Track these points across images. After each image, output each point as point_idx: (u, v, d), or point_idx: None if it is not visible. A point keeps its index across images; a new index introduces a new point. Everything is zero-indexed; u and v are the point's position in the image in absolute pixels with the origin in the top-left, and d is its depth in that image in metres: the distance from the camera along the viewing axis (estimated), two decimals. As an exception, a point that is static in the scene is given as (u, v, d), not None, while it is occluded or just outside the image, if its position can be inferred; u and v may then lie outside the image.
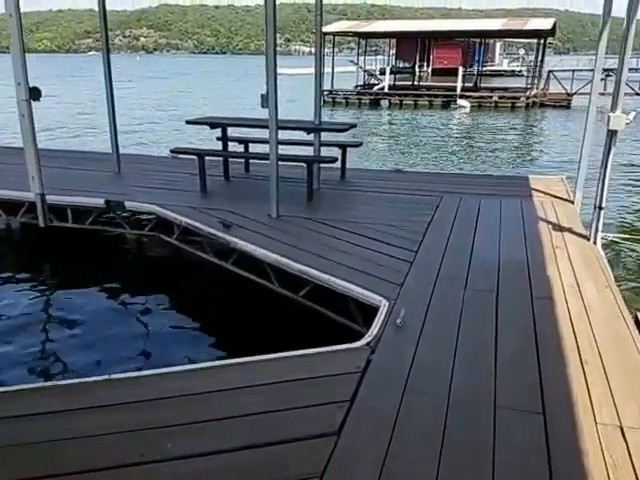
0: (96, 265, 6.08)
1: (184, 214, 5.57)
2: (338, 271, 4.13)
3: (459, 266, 4.20)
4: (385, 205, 5.89)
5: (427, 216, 5.47)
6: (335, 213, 5.60)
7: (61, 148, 9.84)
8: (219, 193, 6.42)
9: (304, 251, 4.56)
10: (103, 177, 7.16)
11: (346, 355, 3.02)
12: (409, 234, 4.94)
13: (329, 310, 4.18)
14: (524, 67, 42.89)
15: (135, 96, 29.66)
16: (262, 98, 5.18)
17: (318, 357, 3.01)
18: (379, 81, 27.65)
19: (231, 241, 4.89)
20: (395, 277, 4.01)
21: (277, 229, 5.15)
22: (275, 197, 5.43)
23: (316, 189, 6.53)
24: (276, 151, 5.29)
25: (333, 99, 25.73)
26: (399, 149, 14.27)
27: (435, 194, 6.32)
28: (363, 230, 5.05)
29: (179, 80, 44.73)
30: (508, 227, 5.12)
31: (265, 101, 5.16)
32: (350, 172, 7.27)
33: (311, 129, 6.26)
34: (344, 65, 32.15)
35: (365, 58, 30.38)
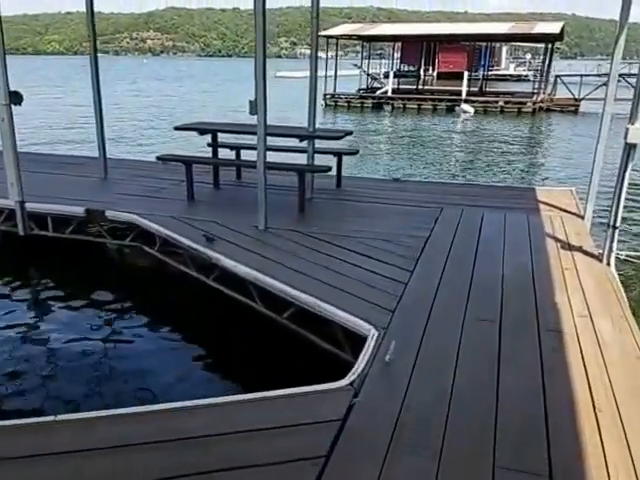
0: (75, 277, 5.72)
1: (165, 225, 5.22)
2: (325, 293, 3.76)
3: (458, 290, 3.81)
4: (381, 217, 5.52)
5: (426, 230, 5.09)
6: (327, 226, 5.23)
7: (49, 152, 9.51)
8: (206, 202, 6.06)
9: (290, 269, 4.19)
10: (88, 183, 6.82)
11: (325, 398, 2.64)
12: (405, 251, 4.56)
13: (314, 335, 3.81)
14: (531, 72, 42.43)
15: (139, 98, 29.42)
16: (250, 104, 4.83)
17: (291, 400, 2.64)
18: (382, 85, 27.29)
19: (212, 256, 4.53)
20: (387, 301, 3.63)
21: (263, 243, 4.78)
22: (263, 208, 5.07)
23: (309, 199, 6.17)
24: (264, 159, 4.93)
25: (335, 102, 25.38)
26: (399, 156, 13.87)
27: (435, 206, 5.94)
28: (356, 246, 4.68)
29: (184, 83, 44.47)
30: (513, 245, 4.73)
31: (253, 107, 4.80)
32: (346, 180, 6.90)
33: (304, 136, 5.89)
34: (348, 69, 31.81)
35: (369, 62, 30.03)
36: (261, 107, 4.73)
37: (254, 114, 4.83)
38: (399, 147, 15.41)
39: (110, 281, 5.60)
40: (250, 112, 4.84)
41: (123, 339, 4.52)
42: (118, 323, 4.78)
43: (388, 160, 13.10)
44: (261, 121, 4.77)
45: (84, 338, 4.50)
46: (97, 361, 4.19)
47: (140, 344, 4.44)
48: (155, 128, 18.26)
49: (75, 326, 4.71)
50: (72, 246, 5.88)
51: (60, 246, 5.91)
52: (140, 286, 5.49)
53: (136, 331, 4.63)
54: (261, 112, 4.74)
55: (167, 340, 4.54)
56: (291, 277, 4.03)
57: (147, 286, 5.48)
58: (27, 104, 5.37)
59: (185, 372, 4.07)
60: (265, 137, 4.85)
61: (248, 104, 4.83)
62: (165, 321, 4.81)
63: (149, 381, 3.90)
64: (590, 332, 3.23)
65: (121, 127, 17.64)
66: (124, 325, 4.75)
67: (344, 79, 28.84)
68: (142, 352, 4.34)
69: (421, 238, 4.87)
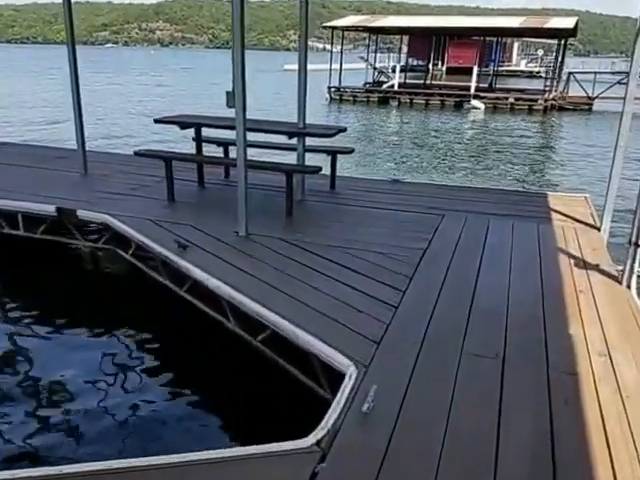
0: (42, 282, 5.27)
1: (138, 228, 4.75)
2: (303, 316, 3.27)
3: (455, 317, 3.31)
4: (376, 224, 5.01)
5: (424, 241, 4.58)
6: (315, 233, 4.74)
7: (33, 143, 9.04)
8: (187, 203, 5.58)
9: (266, 284, 3.70)
10: (67, 179, 6.37)
11: (284, 462, 2.16)
12: (399, 266, 4.06)
13: (290, 364, 3.32)
14: (542, 68, 41.58)
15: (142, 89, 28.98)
16: (227, 96, 4.34)
17: (244, 464, 2.15)
18: (389, 79, 26.63)
19: (182, 266, 4.05)
20: (373, 330, 3.14)
21: (241, 252, 4.29)
22: (243, 213, 4.58)
23: (299, 201, 5.67)
24: (244, 157, 4.44)
25: (340, 96, 24.76)
26: (402, 153, 13.23)
27: (436, 212, 5.43)
28: (344, 258, 4.18)
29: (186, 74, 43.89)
30: (521, 261, 4.22)
31: (231, 99, 4.31)
32: (342, 181, 6.39)
33: (293, 133, 5.39)
34: (356, 62, 31.18)
35: (376, 55, 29.36)
36: (239, 99, 4.23)
37: (232, 107, 4.34)
38: (403, 144, 14.84)
39: (78, 287, 5.15)
40: (227, 104, 4.36)
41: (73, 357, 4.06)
42: (76, 340, 4.30)
43: (390, 157, 12.52)
44: (240, 115, 4.28)
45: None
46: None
47: (89, 368, 3.96)
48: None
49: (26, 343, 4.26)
50: (45, 247, 5.43)
51: (32, 247, 5.47)
52: (110, 294, 5.04)
53: (92, 350, 4.17)
54: (239, 105, 4.25)
55: (127, 363, 4.06)
56: (266, 295, 3.54)
57: (118, 294, 5.02)
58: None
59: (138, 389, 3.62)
60: (245, 133, 4.35)
61: (225, 96, 4.34)
62: (131, 337, 4.34)
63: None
64: (609, 376, 2.72)
65: (125, 120, 17.18)
66: (81, 342, 4.29)
67: (352, 73, 28.29)
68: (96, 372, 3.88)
69: (418, 251, 4.36)
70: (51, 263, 5.47)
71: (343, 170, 8.94)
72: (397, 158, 12.57)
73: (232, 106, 4.33)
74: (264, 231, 4.72)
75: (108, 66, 47.85)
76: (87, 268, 5.31)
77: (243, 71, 4.19)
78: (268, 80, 35.98)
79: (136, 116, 18.13)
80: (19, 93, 23.68)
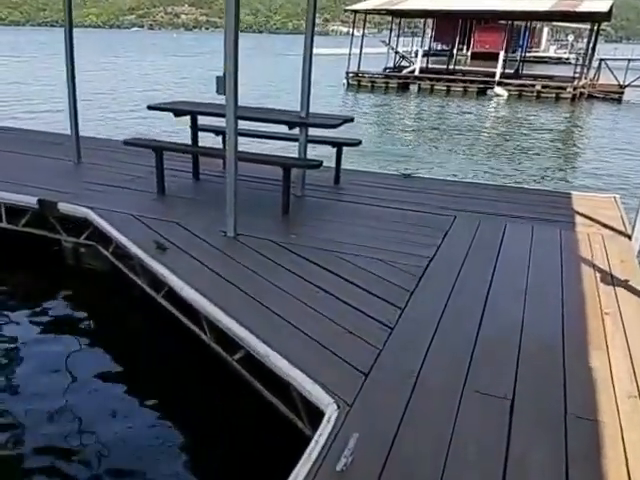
0: (19, 278, 4.96)
1: (118, 225, 4.37)
2: (284, 338, 2.86)
3: (459, 345, 2.86)
4: (380, 225, 4.56)
5: (431, 248, 4.12)
6: (312, 235, 4.31)
7: (30, 127, 8.71)
8: (178, 197, 5.18)
9: (247, 297, 3.29)
10: (58, 167, 6.03)
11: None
12: (401, 277, 3.61)
13: (268, 390, 2.93)
14: (572, 54, 40.18)
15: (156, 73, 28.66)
16: (217, 82, 3.91)
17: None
18: (411, 64, 25.81)
19: (158, 271, 3.66)
20: (362, 357, 2.71)
21: (226, 256, 3.89)
22: (232, 211, 4.17)
23: (299, 197, 5.25)
24: (234, 149, 4.01)
25: (358, 82, 24.06)
26: (417, 144, 12.58)
27: (447, 212, 4.95)
28: (340, 266, 3.75)
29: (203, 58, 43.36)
30: (539, 275, 3.73)
31: (221, 86, 3.88)
32: (347, 175, 5.93)
33: (294, 123, 4.93)
34: (377, 47, 30.37)
35: (398, 39, 28.51)
36: (231, 85, 3.79)
37: (221, 94, 3.91)
38: (418, 134, 14.19)
39: (56, 285, 4.81)
40: (217, 91, 3.93)
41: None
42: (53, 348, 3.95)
43: (403, 148, 11.88)
44: (231, 102, 3.84)
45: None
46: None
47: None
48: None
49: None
50: (27, 240, 5.10)
51: (15, 239, 5.14)
52: (89, 294, 4.69)
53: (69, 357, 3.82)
54: (231, 91, 3.81)
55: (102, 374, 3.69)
56: (245, 310, 3.14)
57: (97, 295, 4.67)
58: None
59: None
60: (235, 121, 3.92)
61: (215, 81, 3.91)
62: (112, 344, 3.98)
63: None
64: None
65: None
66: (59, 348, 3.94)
67: (374, 57, 27.54)
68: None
69: (423, 259, 3.90)
70: (31, 257, 5.14)
71: (351, 162, 8.48)
72: (410, 149, 11.93)
73: (222, 93, 3.90)
74: (255, 231, 4.31)
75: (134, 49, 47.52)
76: (68, 264, 4.94)
77: (236, 54, 3.75)
78: (288, 64, 35.37)
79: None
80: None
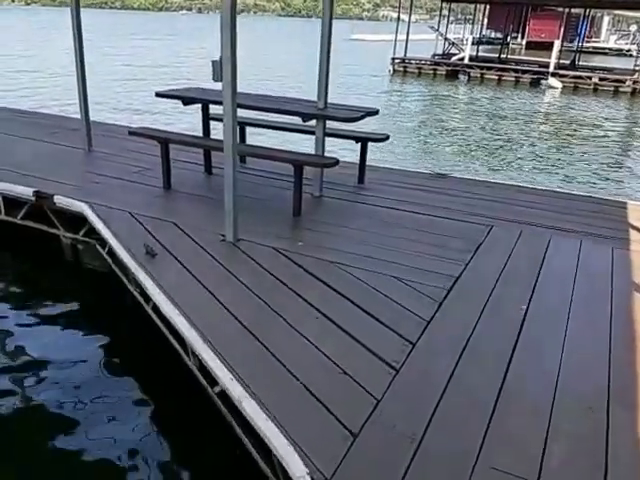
0: (17, 273, 4.66)
1: (112, 223, 3.99)
2: (268, 381, 2.39)
3: (476, 402, 2.31)
4: (402, 235, 4.00)
5: (458, 265, 3.55)
6: (322, 243, 3.80)
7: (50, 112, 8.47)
8: (185, 193, 4.74)
9: (235, 321, 2.82)
10: (67, 156, 5.73)
11: None
12: (418, 301, 3.07)
13: (247, 437, 2.45)
14: (634, 46, 37.88)
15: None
16: (213, 67, 3.44)
17: None
18: (460, 51, 24.72)
19: (142, 281, 3.23)
20: (353, 412, 2.20)
21: (220, 266, 3.42)
22: (231, 213, 3.70)
23: (317, 197, 4.74)
24: (232, 142, 3.53)
25: (404, 68, 23.18)
26: (458, 138, 11.68)
27: (483, 220, 4.36)
28: (348, 285, 3.23)
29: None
30: (585, 305, 3.12)
31: (218, 72, 3.40)
32: (373, 173, 5.38)
33: (307, 114, 4.41)
34: (427, 33, 29.32)
35: (448, 26, 27.35)
36: (228, 71, 3.30)
37: (218, 80, 3.43)
38: (464, 125, 13.34)
39: (52, 285, 4.48)
40: (214, 78, 3.46)
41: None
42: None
43: (443, 142, 11.07)
44: (228, 90, 3.35)
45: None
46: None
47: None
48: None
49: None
50: (27, 234, 4.80)
51: (15, 232, 4.85)
52: (85, 296, 4.33)
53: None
54: (228, 77, 3.32)
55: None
56: (229, 339, 2.67)
57: (94, 297, 4.31)
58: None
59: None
60: (234, 111, 3.44)
61: (211, 66, 3.43)
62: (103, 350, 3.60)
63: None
64: None
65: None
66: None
67: (422, 44, 26.58)
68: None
69: (448, 279, 3.34)
70: (30, 253, 4.83)
71: (379, 159, 7.93)
72: (450, 143, 11.11)
73: (218, 80, 3.42)
74: (258, 236, 3.84)
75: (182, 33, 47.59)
76: (67, 262, 4.61)
77: (233, 36, 3.25)
78: (333, 49, 34.65)
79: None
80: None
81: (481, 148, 10.91)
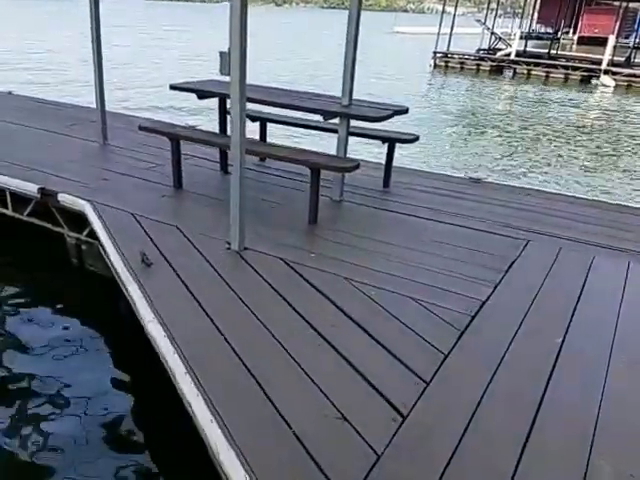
0: (18, 273, 4.48)
1: (111, 225, 3.73)
2: (248, 431, 2.05)
3: (499, 457, 1.92)
4: (427, 249, 3.60)
5: (487, 286, 3.13)
6: (337, 255, 3.43)
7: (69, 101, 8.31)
8: (195, 194, 4.44)
9: (226, 345, 2.50)
10: (80, 149, 5.54)
11: None
12: (438, 329, 2.68)
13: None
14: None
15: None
16: (221, 59, 3.12)
17: None
18: (507, 46, 23.77)
19: (130, 296, 2.94)
20: (349, 471, 1.85)
21: (221, 280, 3.10)
22: (237, 219, 3.38)
23: (337, 201, 4.38)
24: (240, 141, 3.19)
25: (446, 63, 22.44)
26: (499, 138, 11.02)
27: (519, 233, 3.92)
28: (362, 306, 2.86)
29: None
30: (633, 340, 2.68)
31: (226, 64, 3.07)
32: (400, 176, 4.98)
33: (329, 112, 4.04)
34: (472, 27, 28.40)
35: (495, 19, 26.36)
36: (236, 62, 2.96)
37: (226, 74, 3.10)
38: (504, 126, 12.62)
39: (55, 287, 4.27)
40: (221, 71, 3.13)
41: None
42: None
43: (481, 143, 10.44)
44: (236, 85, 3.02)
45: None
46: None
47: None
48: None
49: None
50: (33, 231, 4.61)
51: (23, 229, 4.69)
52: (90, 300, 4.11)
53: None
54: (236, 70, 2.98)
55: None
56: (212, 370, 2.35)
57: (97, 302, 4.07)
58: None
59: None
60: (242, 108, 3.10)
61: (219, 58, 3.11)
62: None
63: None
64: None
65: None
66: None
67: (467, 38, 25.75)
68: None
69: (474, 302, 2.94)
70: (35, 251, 4.64)
71: (409, 160, 7.48)
72: (490, 145, 10.46)
73: (226, 73, 3.09)
74: (268, 244, 3.51)
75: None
76: (71, 262, 4.39)
77: (243, 25, 2.91)
78: (374, 42, 34.05)
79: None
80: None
81: (520, 149, 10.29)
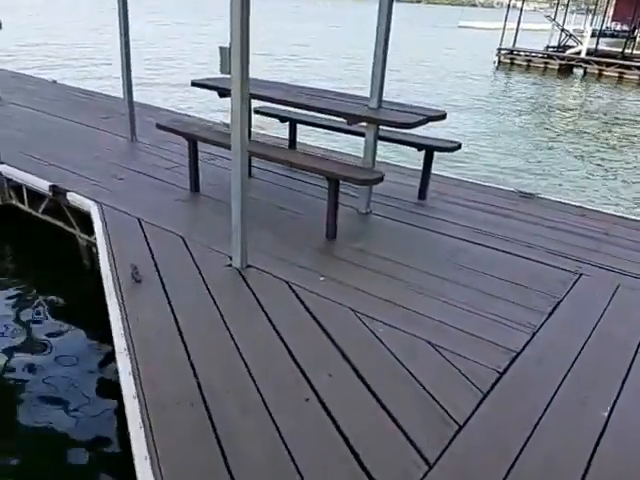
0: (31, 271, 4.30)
1: (114, 229, 3.47)
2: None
3: None
4: (458, 279, 3.10)
5: (524, 332, 2.62)
6: (350, 281, 3.00)
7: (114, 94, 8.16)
8: (211, 199, 4.11)
9: (194, 389, 2.13)
10: (107, 145, 5.36)
11: None
12: (454, 392, 2.21)
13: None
14: None
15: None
16: (221, 55, 2.77)
17: None
18: (578, 44, 22.36)
19: (110, 313, 2.62)
20: None
21: (212, 304, 2.73)
22: (239, 233, 3.00)
23: (363, 214, 3.94)
24: (240, 144, 2.82)
25: (511, 60, 21.31)
26: (563, 147, 9.97)
27: (570, 264, 3.36)
28: (366, 352, 2.43)
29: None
30: None
31: (226, 62, 2.71)
32: (439, 186, 4.49)
33: (355, 117, 3.59)
34: (541, 23, 26.99)
35: (566, 15, 24.87)
36: (237, 60, 2.58)
37: (226, 73, 2.74)
38: (569, 133, 11.58)
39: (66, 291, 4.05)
40: (222, 69, 2.77)
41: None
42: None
43: (543, 153, 9.49)
44: (237, 83, 2.64)
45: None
46: None
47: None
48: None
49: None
50: (49, 230, 4.43)
51: (39, 227, 4.53)
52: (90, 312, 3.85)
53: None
54: (238, 68, 2.60)
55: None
56: (173, 436, 1.98)
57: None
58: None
59: None
60: (246, 108, 2.73)
61: (219, 54, 2.74)
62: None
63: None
64: None
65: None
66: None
67: (535, 34, 24.47)
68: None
69: (506, 354, 2.44)
70: (50, 251, 4.46)
71: (452, 167, 6.91)
72: (551, 154, 9.52)
73: (226, 72, 2.73)
74: (274, 262, 3.13)
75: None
76: (84, 265, 4.15)
77: (244, 19, 2.53)
78: (434, 37, 33.01)
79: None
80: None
81: (588, 158, 9.45)
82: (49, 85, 8.11)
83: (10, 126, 5.70)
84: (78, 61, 15.54)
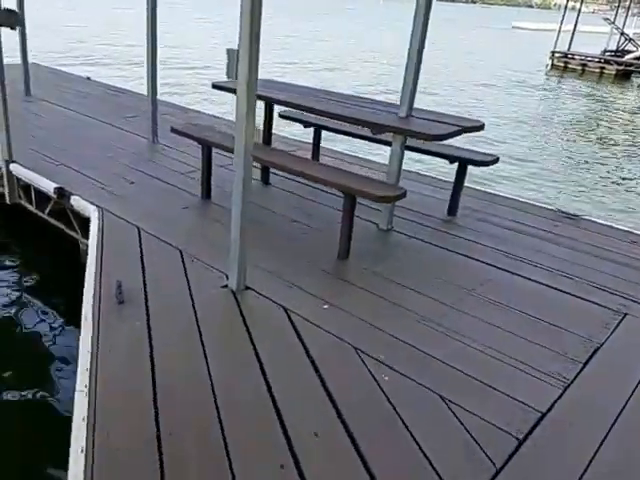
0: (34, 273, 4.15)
1: (109, 238, 3.24)
2: None
3: None
4: (483, 316, 2.71)
5: (553, 385, 2.23)
6: (357, 312, 2.66)
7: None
8: (222, 208, 3.81)
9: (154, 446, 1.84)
10: (125, 146, 5.14)
11: None
12: (462, 465, 1.84)
13: None
14: None
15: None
16: (228, 57, 2.52)
17: None
18: (638, 48, 21.17)
19: (80, 339, 2.37)
20: None
21: (193, 330, 2.44)
22: (237, 253, 2.70)
23: (384, 231, 3.59)
24: (244, 152, 2.52)
25: (565, 64, 20.35)
26: (614, 164, 9.18)
27: (614, 301, 2.93)
28: (363, 403, 2.09)
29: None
30: None
31: (233, 65, 2.43)
32: (471, 200, 4.09)
33: (382, 127, 3.23)
34: (599, 25, 25.76)
35: (627, 17, 23.59)
36: (246, 64, 2.28)
37: (232, 77, 2.46)
38: (623, 148, 10.75)
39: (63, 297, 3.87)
40: (228, 74, 2.49)
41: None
42: None
43: (592, 168, 8.74)
44: (243, 86, 2.34)
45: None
46: None
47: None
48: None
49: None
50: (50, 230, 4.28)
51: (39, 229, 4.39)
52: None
53: None
54: (245, 73, 2.30)
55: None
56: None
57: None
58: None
59: None
60: (251, 115, 2.42)
61: (226, 55, 2.47)
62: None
63: None
64: None
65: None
66: None
67: (595, 37, 23.35)
68: None
69: (528, 415, 2.06)
70: (55, 254, 4.29)
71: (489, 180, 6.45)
72: (607, 168, 8.86)
73: (232, 77, 2.47)
74: (275, 284, 2.83)
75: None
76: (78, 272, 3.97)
77: (254, 20, 2.22)
78: (485, 38, 31.97)
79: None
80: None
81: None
82: (82, 82, 8.06)
83: (33, 123, 5.61)
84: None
